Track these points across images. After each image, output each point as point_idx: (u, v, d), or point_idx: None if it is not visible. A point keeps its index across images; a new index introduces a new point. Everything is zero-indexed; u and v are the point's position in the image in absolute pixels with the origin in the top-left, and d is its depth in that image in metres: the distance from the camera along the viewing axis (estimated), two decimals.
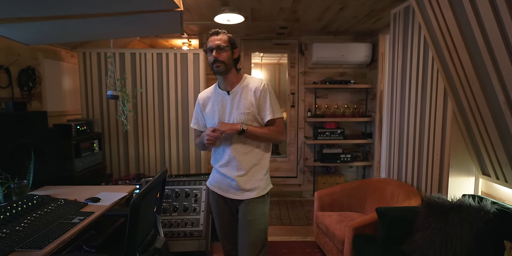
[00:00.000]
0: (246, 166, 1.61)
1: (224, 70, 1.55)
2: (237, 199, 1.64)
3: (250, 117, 1.59)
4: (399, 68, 2.65)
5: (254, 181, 1.62)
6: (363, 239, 2.03)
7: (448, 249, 1.67)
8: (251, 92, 1.59)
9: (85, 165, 2.83)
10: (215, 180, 1.72)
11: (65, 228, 1.54)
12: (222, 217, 1.73)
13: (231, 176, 1.62)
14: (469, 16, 1.58)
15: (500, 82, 1.57)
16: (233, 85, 1.62)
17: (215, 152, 1.70)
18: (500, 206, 1.68)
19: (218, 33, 1.58)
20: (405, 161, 2.59)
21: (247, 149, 1.61)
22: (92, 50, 3.22)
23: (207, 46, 1.58)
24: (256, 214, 1.62)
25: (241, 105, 1.59)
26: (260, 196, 1.63)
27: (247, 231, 1.61)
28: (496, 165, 1.88)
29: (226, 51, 1.55)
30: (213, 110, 1.65)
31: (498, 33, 1.44)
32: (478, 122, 1.86)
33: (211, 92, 1.70)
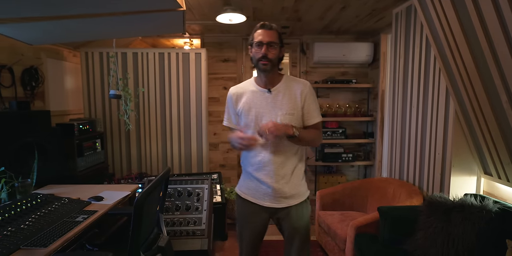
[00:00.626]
0: (284, 171, 1.49)
1: (270, 68, 1.46)
2: (276, 207, 1.53)
3: (294, 118, 1.48)
4: (401, 67, 2.66)
5: (294, 187, 1.52)
6: (365, 238, 2.04)
7: (450, 248, 1.68)
8: (297, 92, 1.50)
9: (87, 164, 2.85)
10: (247, 187, 1.59)
11: (69, 226, 1.55)
12: (253, 226, 1.59)
13: (267, 182, 1.49)
14: (471, 15, 1.58)
15: (503, 81, 1.57)
16: (274, 83, 1.52)
17: (249, 154, 1.56)
18: (502, 205, 1.68)
19: (271, 27, 1.46)
20: (406, 161, 2.60)
21: (286, 152, 1.50)
22: (95, 50, 3.23)
23: (254, 39, 1.46)
24: (299, 221, 1.55)
25: (285, 105, 1.48)
26: (301, 202, 1.55)
27: (295, 239, 1.56)
28: (498, 164, 1.88)
29: (275, 48, 1.45)
30: (250, 109, 1.52)
31: (500, 32, 1.44)
32: (480, 121, 1.86)
33: (246, 88, 1.57)
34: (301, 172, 1.57)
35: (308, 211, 1.59)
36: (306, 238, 1.59)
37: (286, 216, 1.54)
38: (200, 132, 3.33)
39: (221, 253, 2.62)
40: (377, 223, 2.08)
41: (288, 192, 1.51)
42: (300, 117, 1.51)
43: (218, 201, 2.67)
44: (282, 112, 1.47)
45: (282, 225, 1.58)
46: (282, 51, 1.51)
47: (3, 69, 2.43)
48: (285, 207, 1.53)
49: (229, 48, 3.93)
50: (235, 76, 3.98)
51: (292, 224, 1.54)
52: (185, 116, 3.31)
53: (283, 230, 1.60)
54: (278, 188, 1.49)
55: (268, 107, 1.50)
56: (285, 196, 1.51)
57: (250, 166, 1.55)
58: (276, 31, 1.46)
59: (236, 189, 1.66)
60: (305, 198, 1.57)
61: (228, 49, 3.93)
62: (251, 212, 1.58)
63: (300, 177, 1.56)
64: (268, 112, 1.49)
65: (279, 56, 1.50)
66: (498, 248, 1.48)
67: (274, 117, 1.48)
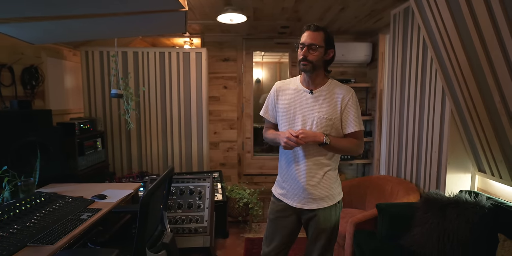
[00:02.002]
0: (316, 172, 1.49)
1: (310, 70, 1.45)
2: (304, 208, 1.53)
3: (330, 124, 1.46)
4: (399, 67, 2.70)
5: (324, 190, 1.51)
6: (364, 234, 2.09)
7: (445, 243, 1.73)
8: (339, 98, 1.47)
9: (88, 163, 2.87)
10: (280, 186, 1.61)
11: (74, 224, 1.58)
12: (282, 226, 1.60)
13: (298, 182, 1.50)
14: (466, 18, 1.63)
15: (496, 82, 1.61)
16: (317, 85, 1.50)
17: (284, 154, 1.57)
18: (495, 201, 1.74)
19: (317, 29, 1.43)
20: (404, 159, 2.65)
21: (321, 157, 1.49)
22: (95, 49, 3.25)
23: (300, 40, 1.46)
24: (327, 223, 1.53)
25: (324, 108, 1.47)
26: (330, 205, 1.53)
27: (319, 239, 1.55)
28: (492, 162, 1.94)
29: (317, 51, 1.42)
30: (289, 106, 1.52)
31: (493, 34, 1.49)
32: (475, 121, 1.91)
33: (290, 85, 1.57)
34: (334, 175, 1.55)
35: (337, 214, 1.57)
36: (331, 239, 1.57)
37: (314, 217, 1.53)
38: (201, 131, 3.36)
39: (222, 250, 2.66)
40: (376, 219, 2.13)
41: (318, 194, 1.50)
42: (339, 123, 1.48)
43: (219, 199, 2.71)
44: (320, 116, 1.46)
45: (309, 226, 1.58)
46: (329, 53, 1.47)
47: (3, 68, 2.45)
48: (313, 209, 1.52)
49: (229, 48, 3.96)
50: (235, 76, 4.01)
51: (319, 225, 1.53)
52: (185, 115, 3.34)
53: (308, 231, 1.60)
54: (308, 189, 1.49)
55: (306, 108, 1.49)
56: (315, 197, 1.50)
57: (284, 165, 1.57)
58: (323, 32, 1.43)
59: (272, 189, 1.68)
60: (335, 202, 1.55)
61: (228, 48, 3.96)
62: (280, 210, 1.60)
63: (333, 180, 1.54)
64: (305, 113, 1.49)
65: (325, 58, 1.47)
66: (491, 242, 1.53)
67: (311, 119, 1.47)
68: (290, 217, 1.59)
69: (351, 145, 1.48)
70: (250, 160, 4.23)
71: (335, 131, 1.48)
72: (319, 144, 1.42)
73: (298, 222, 1.62)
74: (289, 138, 1.38)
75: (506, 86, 1.56)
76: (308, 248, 1.62)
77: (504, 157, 1.81)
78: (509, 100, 1.58)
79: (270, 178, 4.20)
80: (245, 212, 3.07)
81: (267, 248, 1.64)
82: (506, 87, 1.56)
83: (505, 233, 1.49)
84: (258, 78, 5.78)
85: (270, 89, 1.65)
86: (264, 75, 5.89)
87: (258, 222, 3.20)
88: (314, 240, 1.57)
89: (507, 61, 1.49)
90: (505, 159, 1.82)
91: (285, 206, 1.58)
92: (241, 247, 2.71)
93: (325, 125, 1.45)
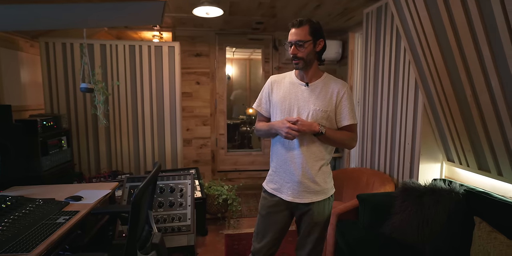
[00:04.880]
0: (312, 166, 1.49)
1: (304, 66, 1.46)
2: (298, 202, 1.52)
3: (325, 116, 1.47)
4: (372, 64, 2.82)
5: (319, 183, 1.51)
6: (346, 224, 2.16)
7: (424, 228, 1.84)
8: (334, 92, 1.49)
9: (53, 163, 2.65)
10: (272, 180, 1.60)
11: (50, 229, 1.45)
12: (274, 220, 1.59)
13: (294, 175, 1.50)
14: (442, 14, 1.73)
15: (468, 76, 1.74)
16: (312, 79, 1.52)
17: (279, 147, 1.55)
18: (467, 187, 1.88)
19: (300, 24, 1.42)
20: (377, 151, 2.77)
21: (317, 148, 1.49)
22: (56, 40, 3.00)
23: (288, 39, 1.46)
24: (320, 217, 1.55)
25: (319, 101, 1.47)
26: (324, 199, 1.54)
27: (313, 232, 1.56)
28: (460, 151, 2.09)
29: (306, 47, 1.42)
30: (284, 98, 1.52)
31: (467, 31, 1.60)
32: (446, 113, 2.05)
33: (285, 78, 1.58)
34: (328, 169, 1.57)
35: (330, 208, 1.59)
36: (323, 232, 1.59)
37: (308, 211, 1.54)
38: (174, 128, 3.25)
39: (203, 248, 2.60)
40: (357, 210, 2.21)
41: (313, 187, 1.51)
42: (333, 116, 1.50)
43: (198, 196, 2.65)
44: (315, 108, 1.47)
45: (302, 220, 1.58)
46: (318, 44, 1.46)
47: None
48: (307, 203, 1.52)
49: (201, 43, 3.87)
50: (208, 71, 3.93)
51: (312, 219, 1.54)
52: (158, 111, 3.21)
53: (301, 225, 1.60)
54: (304, 182, 1.49)
55: (302, 100, 1.50)
56: (309, 191, 1.51)
57: (278, 158, 1.55)
58: (307, 25, 1.42)
59: (263, 184, 1.65)
60: (328, 196, 1.56)
61: (200, 43, 3.86)
62: (272, 206, 1.58)
63: (327, 174, 1.56)
64: (301, 105, 1.49)
65: (316, 50, 1.47)
66: (466, 225, 1.65)
67: (306, 111, 1.47)
68: (282, 212, 1.58)
69: (345, 137, 1.50)
70: (224, 157, 4.18)
71: (330, 124, 1.50)
72: (314, 134, 1.43)
73: (290, 217, 1.62)
74: (290, 127, 1.37)
75: (477, 80, 1.69)
76: (300, 241, 1.62)
77: (472, 147, 1.96)
78: (480, 94, 1.71)
79: (244, 174, 4.19)
80: (224, 209, 3.03)
81: (258, 244, 1.62)
82: (477, 81, 1.69)
83: (479, 215, 1.61)
84: (228, 74, 5.72)
85: (240, 86, 1.62)
86: (234, 72, 5.84)
87: (237, 218, 3.18)
88: (307, 234, 1.58)
89: (479, 56, 1.61)
90: (473, 149, 1.97)
91: (277, 201, 1.57)
92: (221, 244, 2.68)
93: (320, 117, 1.47)
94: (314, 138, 1.47)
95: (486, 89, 1.65)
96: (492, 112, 1.67)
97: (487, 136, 1.80)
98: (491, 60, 1.55)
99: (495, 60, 1.54)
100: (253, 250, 1.65)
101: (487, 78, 1.62)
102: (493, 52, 1.53)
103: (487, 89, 1.65)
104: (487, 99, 1.68)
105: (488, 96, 1.66)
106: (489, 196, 1.72)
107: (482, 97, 1.71)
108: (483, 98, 1.71)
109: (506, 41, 1.42)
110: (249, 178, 4.16)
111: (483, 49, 1.57)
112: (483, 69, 1.62)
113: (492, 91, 1.63)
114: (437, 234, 1.79)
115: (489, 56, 1.55)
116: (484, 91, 1.67)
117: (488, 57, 1.56)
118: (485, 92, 1.67)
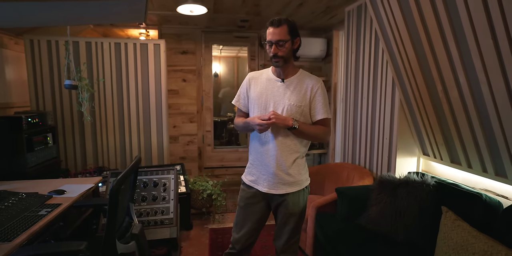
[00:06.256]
0: (286, 158, 1.54)
1: (282, 64, 1.52)
2: (274, 193, 1.58)
3: (300, 111, 1.53)
4: (353, 61, 2.89)
5: (294, 175, 1.57)
6: (325, 217, 2.23)
7: (397, 219, 1.92)
8: (308, 87, 1.55)
9: (38, 159, 2.67)
10: (250, 172, 1.66)
11: (32, 220, 1.49)
12: (252, 211, 1.64)
13: (269, 167, 1.55)
14: (414, 15, 1.81)
15: (439, 73, 1.82)
16: (288, 75, 1.58)
17: (256, 141, 1.61)
18: (438, 179, 1.96)
19: (280, 24, 1.46)
20: (358, 146, 2.85)
21: (291, 142, 1.55)
22: (41, 38, 3.00)
23: (266, 38, 1.50)
24: (295, 208, 1.60)
25: (294, 96, 1.53)
26: (298, 190, 1.60)
27: (288, 223, 1.61)
28: (434, 145, 2.18)
29: (284, 46, 1.48)
30: (261, 94, 1.58)
31: (437, 30, 1.68)
32: (420, 109, 2.13)
33: (263, 75, 1.64)
34: (302, 162, 1.62)
35: (305, 199, 1.65)
36: (299, 222, 1.65)
37: (283, 202, 1.59)
38: (161, 125, 3.29)
39: (187, 242, 2.65)
40: (335, 203, 2.29)
41: (287, 179, 1.56)
42: (308, 111, 1.56)
43: (183, 191, 2.69)
44: (290, 103, 1.52)
45: (278, 210, 1.63)
46: (296, 43, 1.53)
47: None
48: (282, 194, 1.57)
49: (188, 40, 3.90)
50: (194, 69, 3.96)
51: (288, 210, 1.59)
52: (144, 109, 3.24)
53: (278, 215, 1.65)
54: (279, 174, 1.55)
55: (278, 95, 1.55)
56: (284, 182, 1.56)
57: (255, 151, 1.61)
58: (286, 25, 1.47)
59: (242, 177, 1.71)
60: (303, 187, 1.62)
61: (187, 41, 3.89)
62: (250, 197, 1.64)
63: (302, 167, 1.61)
64: (277, 101, 1.55)
65: (293, 48, 1.53)
66: (435, 215, 1.73)
67: (282, 106, 1.53)
68: (259, 203, 1.64)
69: (319, 131, 1.56)
70: (211, 153, 4.23)
71: (304, 118, 1.55)
72: (288, 128, 1.49)
73: (267, 208, 1.68)
74: (260, 124, 1.46)
75: (447, 76, 1.77)
76: (277, 232, 1.68)
77: (445, 140, 2.05)
78: (449, 89, 1.79)
79: (230, 171, 4.24)
80: (208, 204, 3.08)
81: (237, 235, 1.68)
82: (447, 77, 1.77)
83: (446, 205, 1.69)
84: (216, 72, 5.76)
85: (228, 84, 1.67)
86: (222, 70, 5.88)
87: (222, 213, 3.23)
88: (283, 224, 1.64)
89: (448, 54, 1.69)
90: (445, 143, 2.06)
91: (255, 193, 1.63)
92: (205, 238, 2.73)
93: (295, 112, 1.52)
94: (288, 132, 1.53)
95: (455, 85, 1.73)
96: (461, 106, 1.76)
97: (457, 130, 1.88)
98: (459, 58, 1.62)
99: (462, 57, 1.61)
100: (233, 240, 1.70)
101: (456, 74, 1.70)
102: (460, 50, 1.61)
103: (456, 85, 1.73)
104: (456, 94, 1.76)
105: (457, 92, 1.74)
106: (457, 187, 1.81)
107: (452, 92, 1.79)
108: (452, 94, 1.79)
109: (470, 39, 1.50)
110: (235, 174, 4.21)
111: (451, 47, 1.64)
112: (452, 66, 1.70)
113: (460, 87, 1.71)
114: (409, 224, 1.87)
115: (456, 54, 1.62)
116: (453, 86, 1.75)
117: (455, 55, 1.63)
118: (454, 88, 1.75)
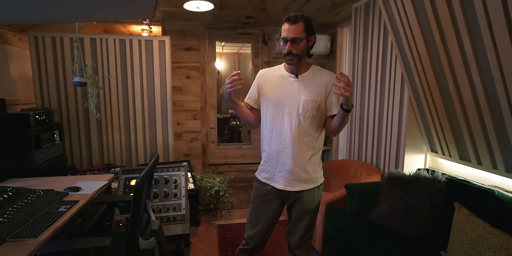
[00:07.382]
0: (303, 155, 1.54)
1: (296, 62, 1.50)
2: (290, 190, 1.58)
3: (316, 106, 1.52)
4: (360, 58, 2.91)
5: (309, 172, 1.57)
6: (335, 213, 2.26)
7: (408, 214, 1.95)
8: (324, 82, 1.53)
9: (46, 157, 2.66)
10: (264, 169, 1.65)
11: (53, 217, 1.49)
12: (266, 208, 1.64)
13: (285, 164, 1.55)
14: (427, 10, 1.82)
15: (451, 70, 1.84)
16: (301, 71, 1.56)
17: (269, 137, 1.59)
18: (448, 176, 2.00)
19: (296, 20, 1.44)
20: (365, 143, 2.88)
21: (308, 138, 1.54)
22: (45, 34, 2.97)
23: (280, 34, 1.47)
24: (310, 205, 1.60)
25: (309, 92, 1.52)
26: (313, 187, 1.60)
27: (303, 219, 1.62)
28: (443, 142, 2.21)
29: (300, 44, 1.46)
30: (274, 90, 1.57)
31: (451, 27, 1.69)
32: (430, 106, 2.15)
33: (275, 72, 1.63)
34: (318, 159, 1.61)
35: (319, 196, 1.66)
36: (313, 219, 1.66)
37: (298, 199, 1.60)
38: (166, 122, 3.28)
39: (196, 238, 2.67)
40: (345, 199, 2.32)
41: (304, 176, 1.56)
42: (323, 106, 1.55)
43: (191, 188, 2.70)
44: (306, 98, 1.51)
45: (293, 207, 1.64)
46: (310, 40, 1.51)
47: None
48: (298, 191, 1.58)
49: (191, 37, 3.88)
50: (198, 65, 3.95)
51: (303, 207, 1.60)
52: (149, 105, 3.23)
53: (292, 212, 1.66)
54: (295, 171, 1.54)
55: (292, 92, 1.54)
56: (300, 179, 1.56)
57: (269, 148, 1.60)
58: (302, 22, 1.44)
59: (256, 174, 1.71)
60: (318, 184, 1.62)
61: (190, 37, 3.88)
62: (264, 194, 1.64)
63: (317, 164, 1.61)
64: (291, 97, 1.53)
65: (308, 46, 1.51)
66: (448, 211, 1.77)
67: (297, 102, 1.52)
68: (274, 200, 1.64)
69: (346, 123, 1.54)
70: (214, 150, 4.24)
71: (320, 113, 1.55)
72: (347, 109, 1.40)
73: (282, 205, 1.69)
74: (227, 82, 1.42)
75: (459, 74, 1.79)
76: (291, 228, 1.70)
77: (454, 138, 2.08)
78: (462, 87, 1.82)
79: (234, 167, 4.26)
80: (216, 200, 3.10)
81: (251, 231, 1.69)
82: (460, 75, 1.79)
83: (459, 201, 1.73)
84: (218, 69, 5.74)
85: None
86: (223, 66, 5.86)
87: (229, 209, 3.26)
88: (298, 221, 1.65)
89: (462, 50, 1.70)
90: (455, 140, 2.09)
91: (270, 190, 1.63)
92: (214, 234, 2.75)
93: (311, 107, 1.51)
94: (305, 128, 1.53)
95: (468, 82, 1.75)
96: (473, 104, 1.78)
97: (468, 127, 1.91)
98: (473, 55, 1.64)
99: (476, 54, 1.63)
100: (246, 236, 1.71)
101: (469, 72, 1.72)
102: (474, 47, 1.62)
103: (469, 82, 1.75)
104: (468, 92, 1.78)
105: (469, 90, 1.76)
106: (468, 184, 1.84)
107: (464, 90, 1.81)
108: (465, 92, 1.81)
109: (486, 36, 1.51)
110: (239, 171, 4.23)
111: (465, 44, 1.66)
112: (465, 63, 1.72)
113: (473, 85, 1.73)
114: (421, 220, 1.91)
115: (470, 50, 1.64)
116: (466, 84, 1.77)
117: (470, 52, 1.65)
118: (467, 86, 1.77)
